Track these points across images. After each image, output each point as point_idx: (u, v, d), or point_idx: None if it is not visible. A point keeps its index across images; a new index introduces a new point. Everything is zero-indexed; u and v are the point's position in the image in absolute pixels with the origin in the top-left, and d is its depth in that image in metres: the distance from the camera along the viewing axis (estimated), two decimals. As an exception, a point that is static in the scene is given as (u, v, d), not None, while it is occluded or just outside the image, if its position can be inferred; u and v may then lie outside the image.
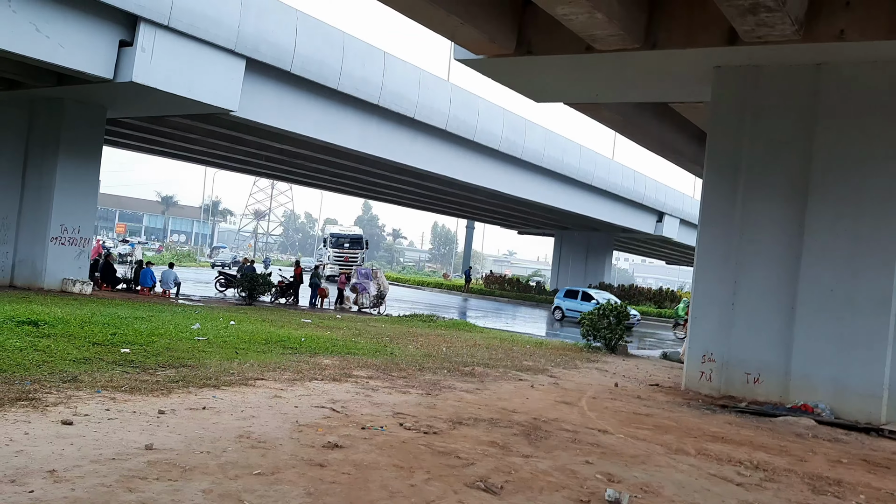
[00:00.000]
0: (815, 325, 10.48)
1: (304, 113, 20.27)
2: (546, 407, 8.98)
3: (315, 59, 19.37)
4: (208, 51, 16.73)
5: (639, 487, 5.71)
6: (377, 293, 24.68)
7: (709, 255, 11.49)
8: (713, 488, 5.96)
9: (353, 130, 22.07)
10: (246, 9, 17.20)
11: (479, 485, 5.34)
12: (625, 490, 5.50)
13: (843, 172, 10.41)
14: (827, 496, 6.11)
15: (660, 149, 21.32)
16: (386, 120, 23.04)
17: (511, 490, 5.32)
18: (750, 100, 11.10)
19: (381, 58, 21.55)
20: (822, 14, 9.33)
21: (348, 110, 21.57)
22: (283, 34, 18.38)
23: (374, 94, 21.52)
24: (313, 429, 6.63)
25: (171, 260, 35.29)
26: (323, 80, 19.84)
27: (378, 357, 12.05)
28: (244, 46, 17.34)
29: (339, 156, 24.85)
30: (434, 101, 24.08)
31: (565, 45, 10.86)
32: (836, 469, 7.14)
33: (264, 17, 17.81)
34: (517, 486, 5.43)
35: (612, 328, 16.77)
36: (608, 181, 36.64)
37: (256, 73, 18.32)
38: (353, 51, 20.47)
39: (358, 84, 20.85)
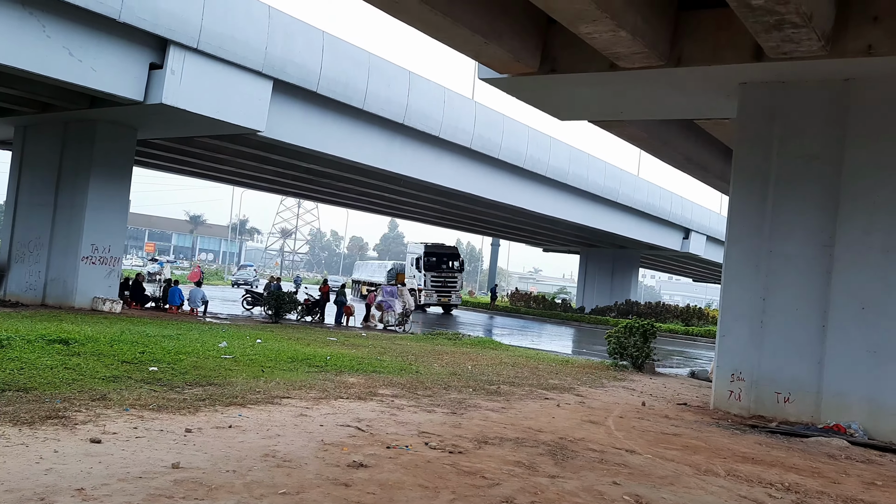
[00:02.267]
0: (846, 342, 10.28)
1: (329, 132, 20.50)
2: (572, 426, 8.89)
3: (341, 80, 19.60)
4: (236, 72, 17.02)
5: (667, 509, 5.62)
6: (403, 311, 24.71)
7: (736, 271, 11.35)
8: (744, 510, 5.84)
9: (378, 149, 22.27)
10: (273, 31, 17.49)
11: (505, 505, 5.29)
12: (653, 512, 5.42)
13: (875, 185, 10.24)
14: (862, 519, 5.96)
15: (685, 165, 21.18)
16: (411, 138, 23.21)
17: (537, 511, 5.27)
18: (777, 115, 10.99)
19: (406, 77, 21.75)
20: (849, 29, 9.24)
21: (374, 129, 21.77)
22: (310, 55, 18.65)
23: (399, 113, 21.70)
24: (338, 448, 6.63)
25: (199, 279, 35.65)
26: (348, 100, 20.07)
27: (403, 375, 12.04)
28: (271, 68, 17.62)
29: (365, 174, 25.05)
30: (459, 120, 24.21)
31: (589, 62, 10.86)
32: (870, 491, 6.96)
33: (291, 39, 18.09)
34: (543, 507, 5.37)
35: (639, 346, 16.60)
36: (633, 198, 36.45)
37: (283, 94, 18.59)
38: (378, 71, 20.69)
39: (383, 104, 21.05)
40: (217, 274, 66.62)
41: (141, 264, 62.56)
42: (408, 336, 22.15)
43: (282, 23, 17.86)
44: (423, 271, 38.16)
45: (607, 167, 33.94)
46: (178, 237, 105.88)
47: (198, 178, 32.36)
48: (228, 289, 47.80)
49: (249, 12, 17.12)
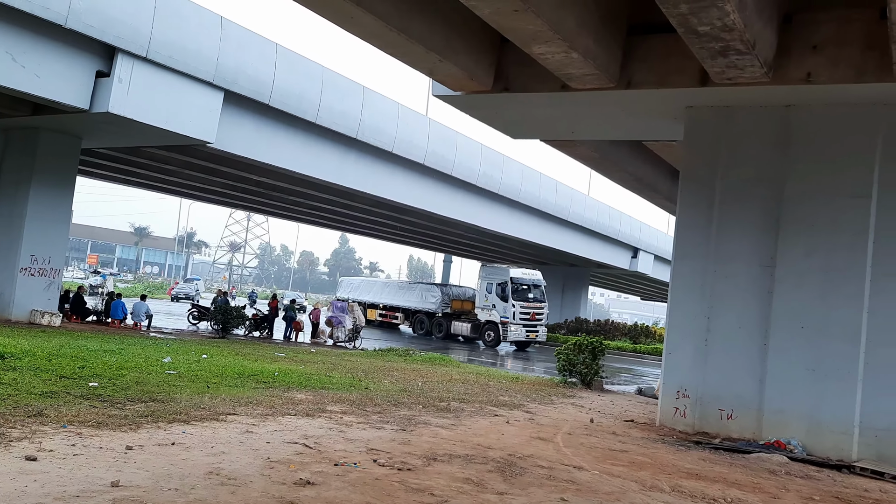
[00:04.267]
0: (786, 360, 10.58)
1: (282, 145, 20.31)
2: (521, 443, 8.92)
3: (294, 93, 19.47)
4: (186, 83, 16.76)
5: (614, 525, 5.67)
6: (353, 327, 24.51)
7: (682, 290, 11.59)
8: (688, 526, 5.93)
9: (331, 163, 22.15)
10: (225, 42, 17.30)
11: (453, 523, 5.26)
12: (600, 528, 5.46)
13: (815, 209, 10.60)
14: (801, 534, 6.11)
15: (634, 186, 21.62)
16: (364, 153, 23.15)
17: (485, 528, 5.25)
18: (722, 138, 11.31)
19: (359, 92, 21.72)
20: (790, 57, 9.58)
21: (327, 143, 21.66)
22: (263, 67, 18.49)
23: (352, 127, 21.64)
24: (285, 465, 6.51)
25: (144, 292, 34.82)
26: (301, 114, 19.93)
27: (353, 392, 11.92)
28: (223, 79, 17.40)
29: (317, 188, 24.87)
30: (412, 136, 24.27)
31: (542, 82, 11.01)
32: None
33: (244, 51, 17.92)
34: (491, 524, 5.36)
35: (588, 363, 16.77)
36: (584, 217, 36.99)
37: (235, 105, 18.37)
38: (332, 85, 20.62)
39: (337, 118, 20.98)
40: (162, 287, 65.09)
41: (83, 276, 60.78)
42: (358, 352, 21.97)
43: (234, 34, 17.68)
44: (512, 302, 31.23)
45: (559, 186, 34.39)
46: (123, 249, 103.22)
47: (144, 189, 31.67)
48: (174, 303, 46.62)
49: (201, 22, 16.90)
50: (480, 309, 32.41)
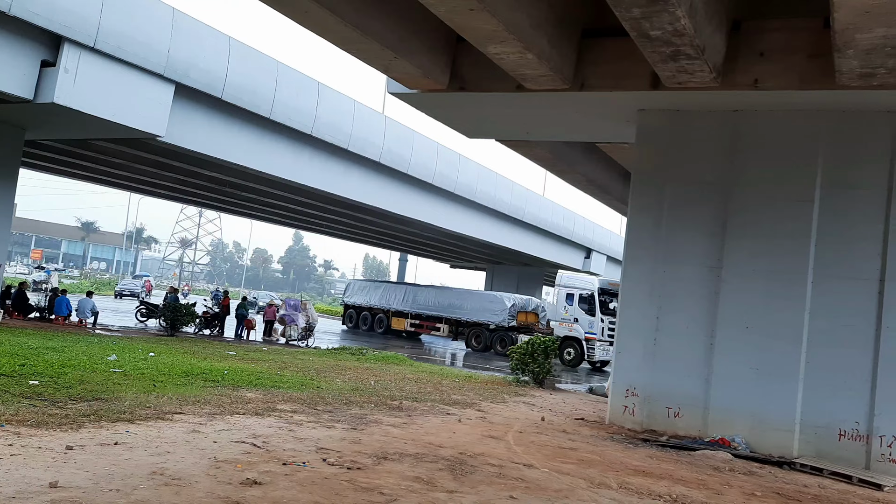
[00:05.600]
0: (732, 360, 10.83)
1: (234, 140, 19.98)
2: (473, 441, 8.94)
3: (247, 87, 19.17)
4: (136, 74, 16.36)
5: (561, 522, 5.72)
6: (306, 325, 24.28)
7: (633, 290, 11.77)
8: (634, 522, 6.02)
9: (285, 159, 21.87)
10: (177, 33, 16.94)
11: (402, 521, 5.25)
12: (547, 525, 5.50)
13: (757, 212, 10.88)
14: (742, 529, 6.25)
15: (588, 187, 21.87)
16: (319, 150, 22.93)
17: (434, 526, 5.25)
18: (672, 142, 11.52)
19: (315, 88, 21.51)
20: (738, 63, 9.80)
21: (281, 139, 21.38)
22: (215, 61, 18.16)
23: (307, 123, 21.40)
24: (232, 465, 6.41)
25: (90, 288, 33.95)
26: (255, 109, 19.64)
27: (304, 391, 11.80)
28: (174, 71, 17.03)
29: (271, 185, 24.54)
30: (368, 133, 24.12)
31: (497, 82, 11.05)
32: (750, 502, 7.33)
33: (196, 43, 17.57)
34: (440, 523, 5.36)
35: (541, 363, 16.91)
36: (539, 217, 37.29)
37: (186, 99, 18.00)
38: (286, 80, 20.37)
39: (291, 113, 20.72)
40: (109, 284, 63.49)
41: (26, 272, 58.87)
42: (311, 351, 21.76)
43: (186, 26, 17.33)
44: (600, 316, 26.37)
45: (514, 186, 34.60)
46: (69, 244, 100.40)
47: (92, 183, 30.84)
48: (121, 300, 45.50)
49: (152, 13, 16.51)
50: (557, 323, 27.80)
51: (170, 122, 17.31)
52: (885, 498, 8.52)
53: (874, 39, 7.85)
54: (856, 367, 10.11)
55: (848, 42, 8.02)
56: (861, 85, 9.19)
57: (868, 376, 10.02)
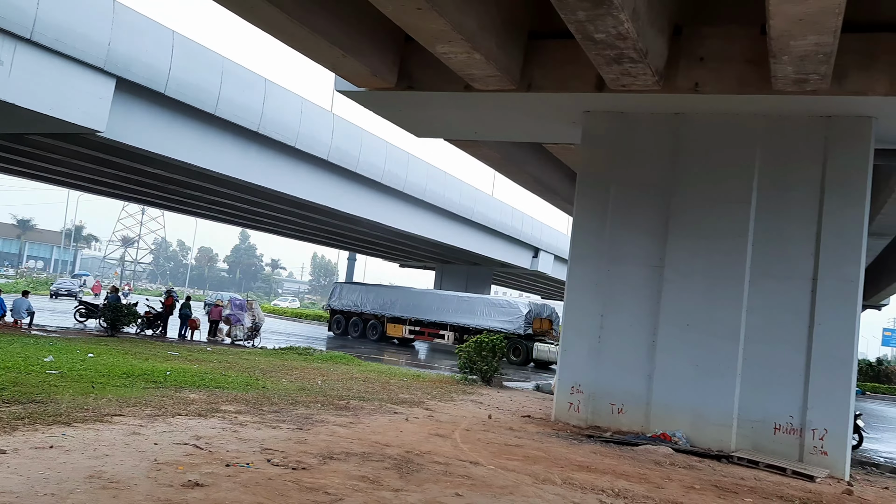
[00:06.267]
0: (673, 356, 11.10)
1: (178, 137, 19.57)
2: (420, 440, 8.96)
3: (192, 83, 18.81)
4: (75, 68, 15.89)
5: (506, 518, 5.78)
6: (252, 325, 23.93)
7: (578, 289, 11.95)
8: (577, 517, 6.12)
9: (230, 157, 21.52)
10: (118, 27, 16.51)
11: (346, 520, 5.23)
12: (492, 521, 5.55)
13: (697, 212, 11.19)
14: (681, 521, 6.42)
15: (535, 187, 22.11)
16: (266, 147, 22.63)
17: (379, 525, 5.25)
18: (616, 143, 11.74)
19: (261, 84, 21.22)
20: (679, 67, 10.05)
21: (226, 136, 21.03)
22: (158, 55, 17.76)
23: (253, 121, 21.11)
24: (173, 467, 6.29)
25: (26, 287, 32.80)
26: (200, 105, 19.27)
27: (249, 391, 11.64)
28: (114, 65, 16.60)
29: (216, 182, 24.11)
30: (316, 131, 23.92)
31: (446, 82, 11.10)
32: (689, 495, 7.53)
33: (138, 37, 17.15)
34: (385, 521, 5.36)
35: (489, 361, 17.04)
36: (488, 217, 37.52)
37: (128, 94, 17.56)
38: (232, 76, 20.05)
39: (237, 110, 20.41)
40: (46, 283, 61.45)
41: None
42: (257, 351, 21.47)
43: (128, 19, 16.89)
44: None
45: (464, 186, 34.73)
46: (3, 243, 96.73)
47: (28, 179, 29.76)
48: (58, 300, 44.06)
49: (92, 5, 16.05)
50: None
51: (110, 118, 16.88)
52: (816, 489, 8.85)
53: (807, 46, 8.15)
54: (790, 363, 10.48)
55: (783, 48, 8.31)
56: (795, 90, 9.53)
57: (802, 372, 10.39)
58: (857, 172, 10.48)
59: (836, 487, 9.19)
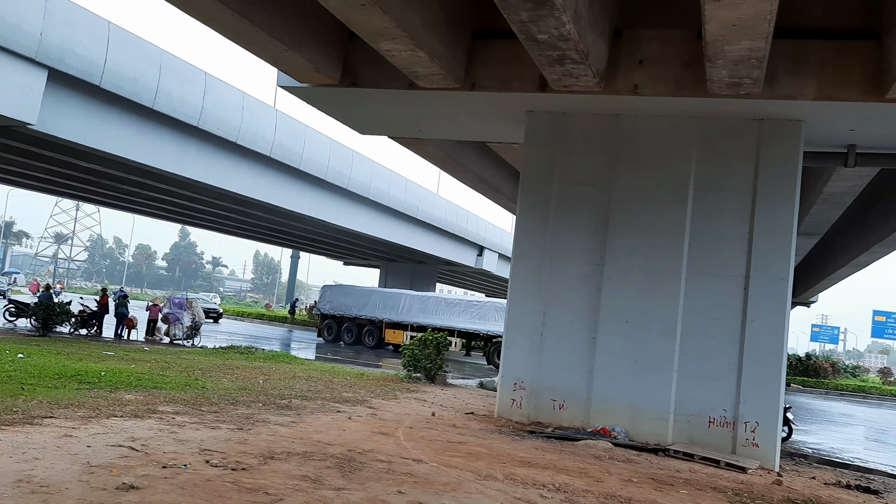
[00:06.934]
0: (613, 352, 11.32)
1: (114, 130, 19.02)
2: (362, 438, 8.93)
3: (128, 75, 18.30)
4: (4, 58, 15.30)
5: (447, 514, 5.81)
6: (191, 324, 23.42)
7: (521, 287, 12.07)
8: (517, 511, 6.20)
9: (169, 152, 21.02)
10: (50, 16, 15.94)
11: (287, 520, 5.18)
12: (433, 518, 5.57)
13: (636, 211, 11.43)
14: (618, 513, 6.57)
15: (479, 186, 22.23)
16: (206, 143, 22.19)
17: (320, 524, 5.21)
18: (558, 142, 11.90)
19: (201, 78, 20.78)
20: (619, 69, 10.26)
21: (165, 130, 20.54)
22: (93, 46, 17.21)
23: (193, 115, 20.66)
24: (107, 470, 6.12)
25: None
26: (137, 98, 18.77)
27: (188, 391, 11.40)
28: (47, 56, 16.03)
29: (154, 178, 23.50)
30: (258, 127, 23.56)
31: (390, 79, 11.08)
32: (627, 488, 7.69)
33: (72, 27, 16.59)
34: (326, 520, 5.32)
35: (433, 359, 17.07)
36: (433, 215, 37.58)
37: (61, 86, 16.99)
38: (171, 69, 19.58)
39: (176, 104, 19.94)
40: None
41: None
42: (196, 350, 21.02)
43: (61, 8, 16.32)
44: None
45: (408, 184, 34.70)
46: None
47: (-47, 172, 28.50)
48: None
49: (23, -8, 15.48)
50: None
51: (42, 110, 16.31)
52: (748, 480, 9.16)
53: (741, 51, 8.41)
54: (724, 359, 10.81)
55: (718, 53, 8.56)
56: (730, 93, 9.83)
57: (735, 366, 10.73)
58: (787, 174, 10.86)
59: (767, 478, 9.52)
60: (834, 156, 11.95)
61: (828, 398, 34.11)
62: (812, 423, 21.01)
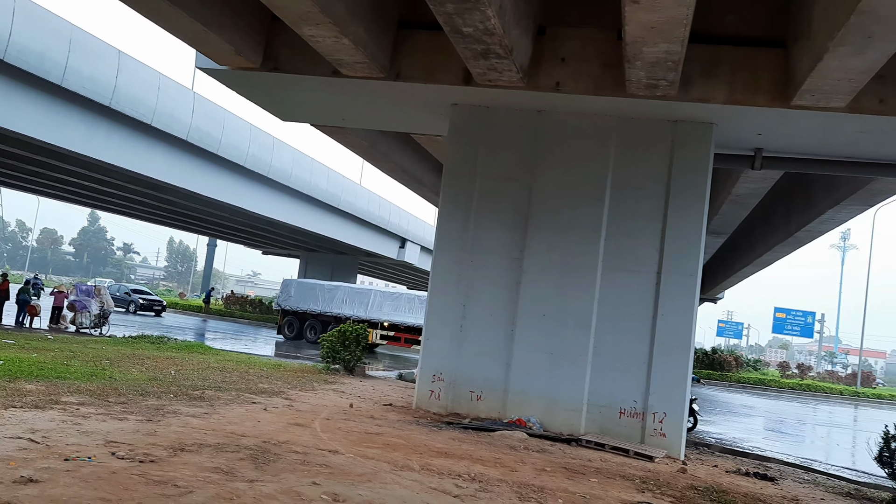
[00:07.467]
0: (530, 345, 11.53)
1: (18, 107, 18.04)
2: (278, 430, 8.78)
3: (35, 50, 17.37)
4: None
5: (362, 505, 5.80)
6: (100, 312, 22.48)
7: (442, 279, 12.13)
8: (433, 501, 6.24)
9: (78, 132, 20.09)
10: (-52, -18, 14.98)
11: (196, 513, 5.05)
12: (348, 508, 5.55)
13: (555, 207, 11.65)
14: (531, 502, 6.70)
15: (402, 177, 22.20)
16: (119, 124, 21.32)
17: (231, 516, 5.11)
18: (482, 137, 11.99)
19: (115, 56, 19.94)
20: (542, 66, 10.42)
21: (73, 109, 19.62)
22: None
23: (105, 95, 19.81)
24: (4, 462, 5.81)
25: None
26: (44, 74, 17.86)
27: (94, 381, 10.95)
28: (-57, 25, 15.05)
29: (62, 159, 22.42)
30: (175, 109, 22.79)
31: (312, 65, 10.90)
32: (540, 477, 7.86)
33: (-28, -4, 15.64)
34: (238, 512, 5.22)
35: (352, 350, 16.97)
36: (355, 206, 37.30)
37: (-42, 57, 15.99)
38: (81, 45, 18.70)
39: (86, 82, 19.07)
40: None
41: None
42: (105, 339, 20.21)
43: (-39, -26, 15.37)
44: None
45: (331, 173, 34.31)
46: None
47: None
48: None
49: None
50: None
51: (-63, 82, 15.30)
52: (654, 468, 9.51)
53: (658, 53, 8.68)
54: (635, 352, 11.17)
55: (636, 54, 8.81)
56: (647, 95, 10.13)
57: (645, 359, 11.10)
58: (699, 175, 11.30)
59: (672, 466, 9.92)
60: (742, 158, 12.48)
61: (731, 390, 35.76)
62: (716, 414, 21.99)
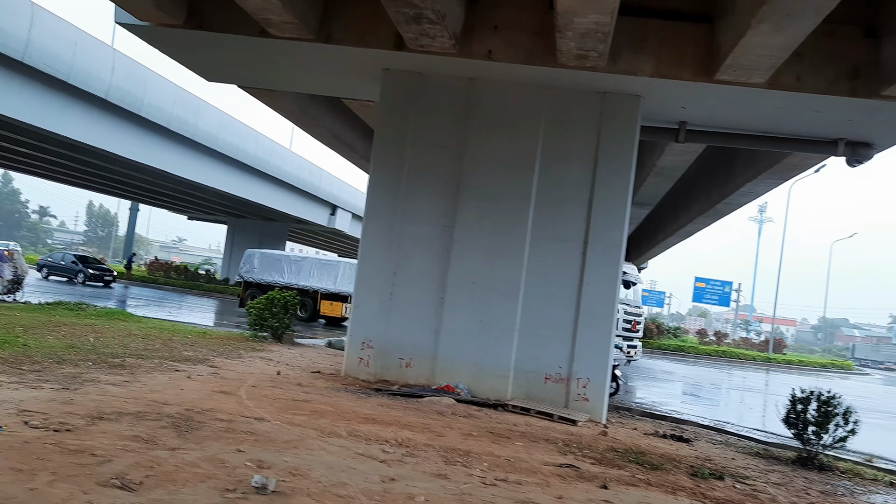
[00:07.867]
0: (459, 312, 11.63)
1: (-81, 59, 16.88)
2: (202, 397, 8.63)
3: (-63, -3, 16.25)
4: None
5: (288, 471, 5.77)
6: (13, 277, 21.46)
7: (372, 247, 12.07)
8: (359, 466, 6.27)
9: (-13, 88, 18.99)
10: None
11: (115, 482, 4.94)
12: (273, 475, 5.52)
13: (486, 176, 11.70)
14: (457, 465, 6.81)
15: (333, 143, 21.86)
16: (32, 80, 20.24)
17: (151, 485, 5.01)
18: (414, 104, 11.89)
19: (27, 8, 18.85)
20: (475, 33, 10.36)
21: (-18, 63, 18.50)
22: None
23: (17, 49, 18.75)
24: None
25: None
26: (-53, 24, 16.74)
27: (6, 349, 10.49)
28: None
29: (-31, 116, 21.16)
30: (93, 67, 21.77)
31: (239, 24, 10.55)
32: (466, 441, 7.99)
33: None
34: (159, 481, 5.12)
35: (280, 318, 16.76)
36: (285, 171, 36.61)
37: None
38: (-10, -5, 17.60)
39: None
40: None
41: None
42: (19, 305, 19.34)
43: None
44: None
45: (260, 137, 33.52)
46: None
47: None
48: None
49: None
50: None
51: None
52: (577, 431, 9.79)
53: (588, 24, 8.75)
54: (561, 319, 11.41)
55: (567, 24, 8.85)
56: (577, 65, 10.22)
57: (571, 326, 11.36)
58: (625, 147, 11.51)
59: (594, 430, 10.23)
60: (667, 131, 12.78)
61: (652, 357, 37.05)
62: (638, 379, 22.76)
